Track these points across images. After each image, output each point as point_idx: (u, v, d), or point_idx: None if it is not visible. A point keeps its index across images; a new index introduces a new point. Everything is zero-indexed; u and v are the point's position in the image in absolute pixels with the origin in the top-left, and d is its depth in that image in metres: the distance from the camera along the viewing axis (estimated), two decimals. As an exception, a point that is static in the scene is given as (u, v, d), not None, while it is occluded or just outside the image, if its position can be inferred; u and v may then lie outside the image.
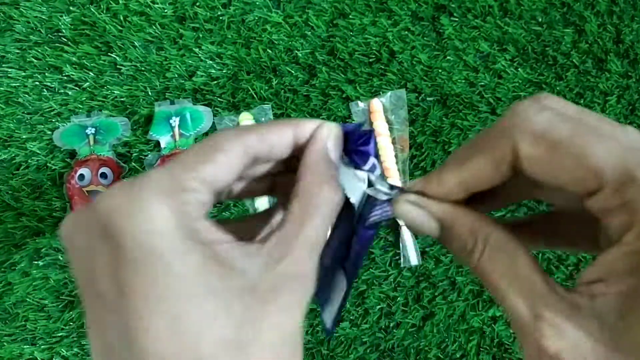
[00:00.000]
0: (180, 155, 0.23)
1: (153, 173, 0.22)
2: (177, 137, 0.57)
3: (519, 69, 0.59)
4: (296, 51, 0.60)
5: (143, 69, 0.59)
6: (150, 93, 0.59)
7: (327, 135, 0.25)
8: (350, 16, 0.60)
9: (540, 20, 0.60)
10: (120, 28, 0.60)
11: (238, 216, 0.28)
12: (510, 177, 0.22)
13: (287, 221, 0.23)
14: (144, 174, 0.22)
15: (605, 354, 0.18)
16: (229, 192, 0.26)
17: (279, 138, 0.25)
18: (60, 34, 0.60)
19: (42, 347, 0.53)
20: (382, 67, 0.59)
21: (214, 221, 0.23)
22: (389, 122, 0.58)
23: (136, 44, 0.60)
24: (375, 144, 0.28)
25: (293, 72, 0.59)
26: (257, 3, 0.61)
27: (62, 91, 0.59)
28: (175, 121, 0.57)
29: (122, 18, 0.60)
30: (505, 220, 0.27)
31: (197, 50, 0.60)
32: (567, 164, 0.19)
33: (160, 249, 0.20)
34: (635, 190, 0.18)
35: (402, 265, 0.55)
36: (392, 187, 0.27)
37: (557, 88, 0.58)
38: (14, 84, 0.59)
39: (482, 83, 0.59)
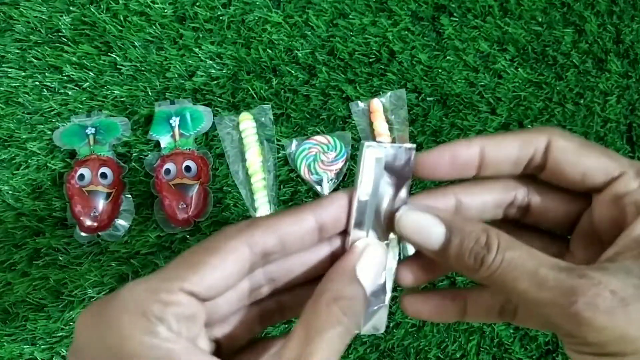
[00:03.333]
0: (173, 260, 0.21)
1: (132, 286, 0.20)
2: (177, 137, 0.57)
3: (519, 69, 0.59)
4: (296, 51, 0.60)
5: (143, 68, 0.59)
6: (150, 93, 0.59)
7: (360, 252, 0.23)
8: (350, 16, 0.60)
9: (540, 20, 0.60)
10: (120, 28, 0.60)
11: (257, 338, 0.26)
12: (519, 173, 0.25)
13: (285, 346, 0.21)
14: (124, 286, 0.20)
15: (638, 293, 0.20)
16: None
17: (295, 227, 0.23)
18: (60, 34, 0.60)
19: (42, 347, 0.53)
20: (382, 67, 0.59)
21: (206, 340, 0.22)
22: (389, 122, 0.58)
23: (136, 43, 0.60)
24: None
25: (293, 72, 0.59)
26: (257, 3, 0.61)
27: (62, 91, 0.59)
28: (175, 121, 0.57)
29: (122, 18, 0.60)
30: None
31: (197, 50, 0.60)
32: (596, 154, 0.23)
33: None
34: None
35: (401, 258, 0.55)
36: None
37: (557, 88, 0.58)
38: (14, 84, 0.59)
39: (482, 83, 0.59)
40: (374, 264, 0.24)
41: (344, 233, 0.25)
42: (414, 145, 0.25)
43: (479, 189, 0.25)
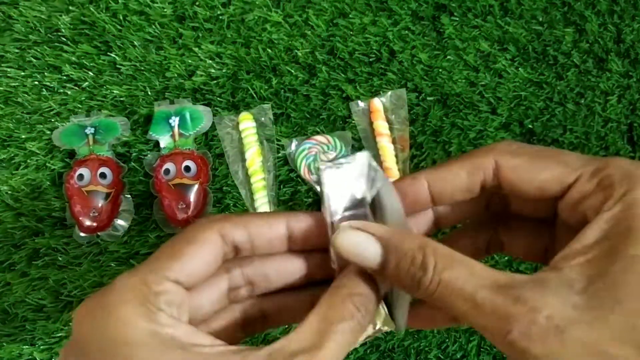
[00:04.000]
0: (154, 253, 0.22)
1: (124, 279, 0.22)
2: (176, 136, 0.57)
3: (520, 69, 0.59)
4: (296, 51, 0.59)
5: (142, 68, 0.59)
6: (149, 93, 0.59)
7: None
8: (350, 16, 0.60)
9: (540, 19, 0.60)
10: (120, 27, 0.60)
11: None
12: (477, 195, 0.24)
13: (295, 337, 0.21)
14: (116, 280, 0.22)
15: (576, 315, 0.19)
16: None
17: (265, 228, 0.24)
18: (59, 33, 0.60)
19: (41, 347, 0.53)
20: (382, 66, 0.59)
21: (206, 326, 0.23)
22: (389, 121, 0.58)
23: (135, 43, 0.60)
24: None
25: (293, 71, 0.59)
26: (257, 2, 0.61)
27: (61, 91, 0.59)
28: (174, 121, 0.57)
29: (121, 17, 0.60)
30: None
31: (196, 49, 0.59)
32: (548, 165, 0.22)
33: (138, 358, 0.20)
34: (608, 172, 0.21)
35: None
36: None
37: (558, 88, 0.58)
38: (13, 84, 0.59)
39: (483, 83, 0.58)
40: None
41: (326, 250, 0.25)
42: (365, 152, 0.25)
43: (446, 173, 0.24)
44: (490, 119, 0.58)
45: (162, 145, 0.57)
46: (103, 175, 0.55)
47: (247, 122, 0.57)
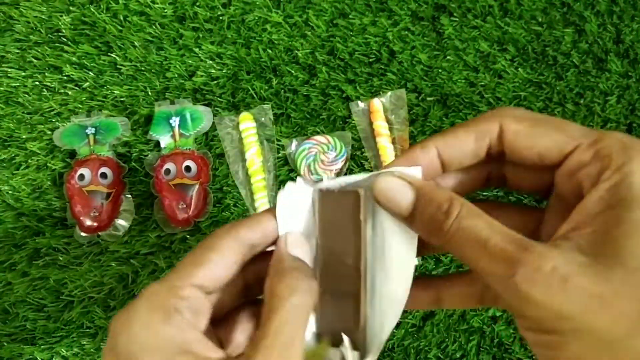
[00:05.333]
0: (180, 261, 0.25)
1: (152, 286, 0.24)
2: (177, 137, 0.57)
3: (519, 69, 0.59)
4: (296, 51, 0.60)
5: (143, 68, 0.59)
6: (150, 93, 0.59)
7: (284, 239, 0.26)
8: (350, 16, 0.60)
9: (540, 20, 0.60)
10: (120, 28, 0.60)
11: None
12: (484, 158, 0.25)
13: (259, 328, 0.23)
14: (145, 288, 0.23)
15: (580, 270, 0.19)
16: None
17: (273, 225, 0.26)
18: (60, 33, 0.60)
19: (42, 347, 0.53)
20: (382, 67, 0.59)
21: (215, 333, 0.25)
22: (389, 122, 0.58)
23: (136, 43, 0.60)
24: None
25: (293, 72, 0.59)
26: (257, 3, 0.61)
27: (62, 91, 0.59)
28: (175, 121, 0.57)
29: (122, 18, 0.60)
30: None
31: (197, 50, 0.60)
32: (549, 132, 0.23)
33: None
34: (605, 143, 0.22)
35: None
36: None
37: (557, 88, 0.58)
38: (14, 84, 0.59)
39: (482, 83, 0.59)
40: (298, 240, 0.26)
41: None
42: (358, 190, 0.26)
43: (454, 140, 0.25)
44: (490, 119, 0.58)
45: (162, 145, 0.57)
46: (104, 175, 0.55)
47: (247, 122, 0.57)
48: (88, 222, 0.54)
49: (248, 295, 0.28)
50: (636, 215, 0.20)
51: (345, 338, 0.25)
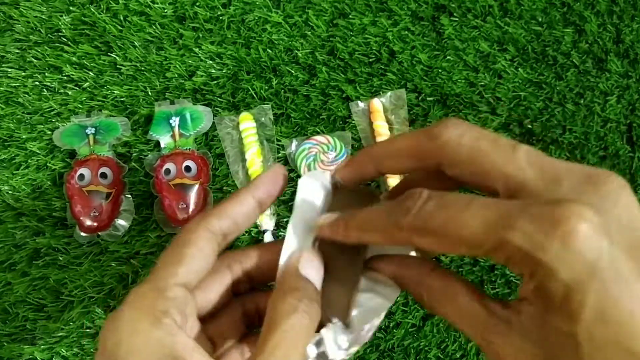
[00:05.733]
0: (157, 263, 0.25)
1: (137, 290, 0.24)
2: (177, 137, 0.57)
3: (519, 69, 0.59)
4: (296, 51, 0.60)
5: (143, 68, 0.59)
6: (150, 93, 0.59)
7: (298, 256, 0.26)
8: (350, 16, 0.60)
9: (540, 20, 0.60)
10: (120, 28, 0.60)
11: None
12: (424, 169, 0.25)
13: (259, 340, 0.23)
14: (131, 291, 0.23)
15: None
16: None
17: (240, 207, 0.27)
18: (60, 33, 0.61)
19: (42, 347, 0.53)
20: (382, 67, 0.59)
21: (200, 335, 0.25)
22: (389, 122, 0.58)
23: (136, 43, 0.60)
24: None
25: (293, 72, 0.59)
26: (257, 3, 0.61)
27: (62, 91, 0.59)
28: (175, 121, 0.57)
29: (122, 18, 0.60)
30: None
31: (197, 50, 0.60)
32: (455, 247, 0.21)
33: None
34: (509, 249, 0.20)
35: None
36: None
37: (557, 88, 0.58)
38: (14, 84, 0.59)
39: (482, 83, 0.59)
40: (311, 260, 0.26)
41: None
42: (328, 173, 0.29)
43: (394, 160, 0.26)
44: (490, 119, 0.58)
45: (162, 145, 0.57)
46: (104, 175, 0.55)
47: (247, 122, 0.57)
48: (88, 222, 0.54)
49: (235, 290, 0.28)
50: (556, 323, 0.19)
51: (336, 320, 0.25)
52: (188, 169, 0.55)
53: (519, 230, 0.19)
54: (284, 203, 0.57)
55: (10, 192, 0.57)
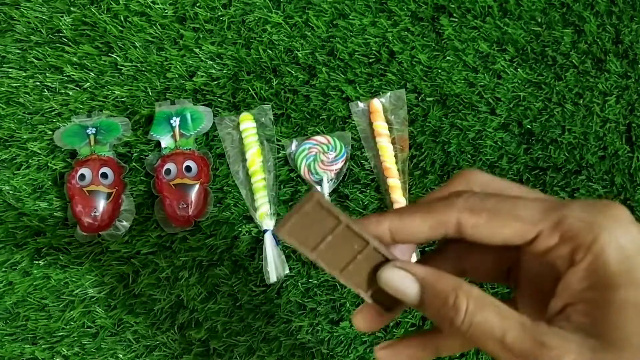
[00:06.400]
0: None
1: None
2: (177, 137, 0.57)
3: (519, 69, 0.59)
4: (296, 51, 0.60)
5: (143, 69, 0.60)
6: (150, 93, 0.59)
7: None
8: (350, 16, 0.61)
9: (539, 20, 0.60)
10: (121, 28, 0.60)
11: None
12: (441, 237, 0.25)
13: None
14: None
15: (595, 357, 0.20)
16: None
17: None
18: (60, 34, 0.61)
19: (43, 346, 0.53)
20: (382, 67, 0.60)
21: None
22: (388, 122, 0.58)
23: (137, 44, 0.60)
24: None
25: (293, 72, 0.59)
26: (257, 3, 0.61)
27: (62, 91, 0.59)
28: (175, 121, 0.57)
29: (122, 18, 0.61)
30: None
31: (197, 50, 0.60)
32: (508, 223, 0.23)
33: None
34: (567, 226, 0.22)
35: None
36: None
37: (557, 88, 0.59)
38: (15, 84, 0.59)
39: (482, 83, 0.59)
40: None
41: None
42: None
43: (409, 223, 0.25)
44: (489, 119, 0.58)
45: (163, 145, 0.57)
46: (104, 175, 0.55)
47: (247, 123, 0.57)
48: (89, 222, 0.54)
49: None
50: (621, 295, 0.21)
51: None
52: (188, 169, 0.55)
53: (576, 211, 0.22)
54: (284, 203, 0.57)
55: (11, 192, 0.57)
